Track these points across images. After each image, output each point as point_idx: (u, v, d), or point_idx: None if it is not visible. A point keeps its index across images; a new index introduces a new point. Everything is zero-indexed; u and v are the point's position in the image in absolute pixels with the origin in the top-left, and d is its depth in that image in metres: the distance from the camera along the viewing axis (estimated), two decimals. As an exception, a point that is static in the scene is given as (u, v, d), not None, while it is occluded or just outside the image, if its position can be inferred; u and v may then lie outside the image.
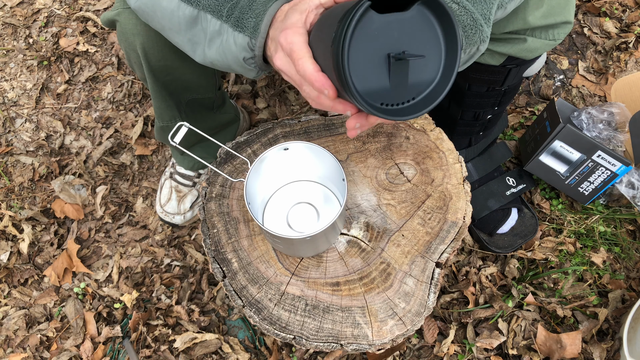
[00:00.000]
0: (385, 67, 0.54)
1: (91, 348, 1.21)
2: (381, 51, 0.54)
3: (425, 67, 0.55)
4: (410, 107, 0.55)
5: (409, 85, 0.55)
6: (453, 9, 0.63)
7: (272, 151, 0.77)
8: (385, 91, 0.54)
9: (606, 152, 1.16)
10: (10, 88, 1.56)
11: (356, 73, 0.52)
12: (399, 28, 0.53)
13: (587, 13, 1.59)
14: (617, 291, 1.21)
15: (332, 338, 0.78)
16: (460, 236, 0.85)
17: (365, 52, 0.53)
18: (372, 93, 0.53)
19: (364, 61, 0.53)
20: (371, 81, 0.53)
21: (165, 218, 1.30)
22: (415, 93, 0.55)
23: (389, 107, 0.55)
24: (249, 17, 0.62)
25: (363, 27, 0.52)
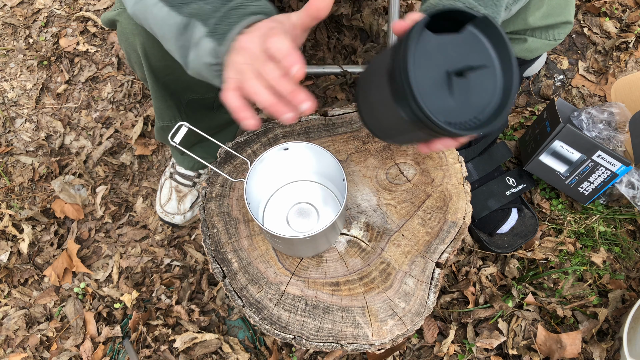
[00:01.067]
0: (447, 87, 0.54)
1: (91, 348, 1.21)
2: (441, 70, 0.54)
3: (484, 85, 0.56)
4: (476, 125, 0.55)
5: (472, 103, 0.55)
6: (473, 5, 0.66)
7: (272, 151, 0.77)
8: (451, 110, 0.54)
9: (606, 152, 1.16)
10: (10, 88, 1.56)
11: (422, 93, 0.52)
12: (453, 48, 0.54)
13: (587, 13, 1.60)
14: (617, 291, 1.21)
15: (332, 338, 0.78)
16: (460, 236, 0.85)
17: (427, 71, 0.53)
18: (437, 113, 0.52)
19: (427, 81, 0.53)
20: (437, 102, 0.53)
21: (165, 218, 1.30)
22: (477, 111, 0.55)
23: (458, 126, 0.54)
24: (222, 24, 0.62)
25: (422, 47, 0.52)
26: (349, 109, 0.94)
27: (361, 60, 1.53)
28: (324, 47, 1.56)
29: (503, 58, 0.56)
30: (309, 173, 0.86)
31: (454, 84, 0.54)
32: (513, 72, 0.55)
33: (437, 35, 0.54)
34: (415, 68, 0.52)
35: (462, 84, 0.54)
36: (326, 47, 1.56)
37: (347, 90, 1.49)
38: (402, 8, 1.62)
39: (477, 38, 0.56)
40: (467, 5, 0.66)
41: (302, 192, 0.87)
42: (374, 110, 0.64)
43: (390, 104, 0.56)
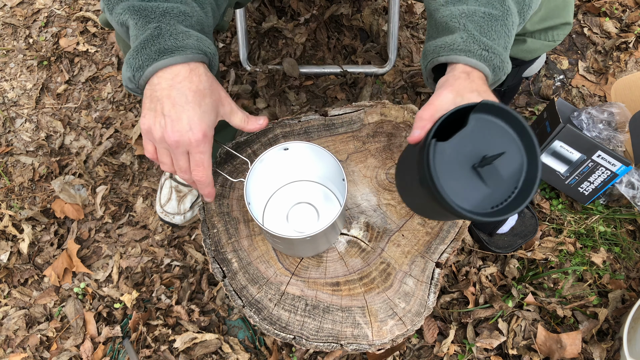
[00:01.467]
0: (477, 177, 0.59)
1: (91, 348, 1.21)
2: (466, 167, 0.59)
3: (510, 157, 0.60)
4: (518, 195, 0.59)
5: (506, 180, 0.60)
6: (483, 55, 0.65)
7: (272, 151, 0.77)
8: (490, 195, 0.59)
9: (606, 152, 1.16)
10: (10, 88, 1.56)
11: (460, 198, 0.58)
12: (469, 141, 0.59)
13: (587, 13, 1.60)
14: (617, 291, 1.21)
15: (332, 338, 0.78)
16: (460, 236, 0.85)
17: (456, 179, 0.58)
18: (479, 205, 0.59)
19: (457, 184, 0.58)
20: (474, 196, 0.59)
21: (165, 218, 1.30)
22: (515, 182, 0.60)
23: (501, 205, 0.59)
24: (137, 58, 0.63)
25: (439, 160, 0.58)
26: (349, 109, 0.94)
27: (361, 60, 1.53)
28: (324, 47, 1.56)
29: (513, 123, 0.60)
30: (309, 173, 0.86)
31: (483, 174, 0.59)
32: (528, 132, 0.59)
33: (448, 142, 0.59)
34: (443, 181, 0.57)
35: (490, 168, 0.59)
36: (326, 47, 1.56)
37: (347, 90, 1.49)
38: (402, 8, 1.62)
39: (485, 119, 0.60)
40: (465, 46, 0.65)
41: (302, 192, 0.87)
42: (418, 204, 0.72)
43: (432, 205, 0.63)
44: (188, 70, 0.62)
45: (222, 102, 0.66)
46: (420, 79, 1.49)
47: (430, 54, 0.68)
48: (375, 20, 1.56)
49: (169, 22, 0.63)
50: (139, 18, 0.64)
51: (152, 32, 0.62)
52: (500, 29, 0.66)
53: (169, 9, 0.64)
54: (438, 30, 0.70)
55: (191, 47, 0.63)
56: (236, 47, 1.53)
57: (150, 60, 0.62)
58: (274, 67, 1.50)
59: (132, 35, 0.65)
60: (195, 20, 0.67)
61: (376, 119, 0.93)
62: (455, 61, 0.65)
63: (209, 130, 0.64)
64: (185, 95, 0.62)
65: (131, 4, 0.64)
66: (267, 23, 1.55)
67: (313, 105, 1.48)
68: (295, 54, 1.53)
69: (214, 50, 0.67)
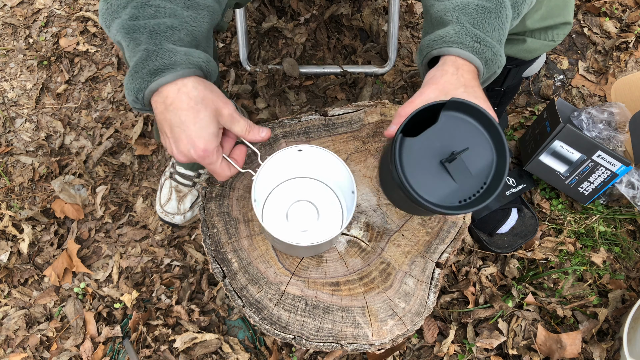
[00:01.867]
0: (445, 172, 0.61)
1: (91, 348, 1.21)
2: (434, 163, 0.61)
3: (480, 153, 0.62)
4: (486, 190, 0.61)
5: (475, 174, 0.61)
6: (475, 47, 0.65)
7: (286, 151, 0.76)
8: (458, 190, 0.61)
9: (606, 152, 1.16)
10: (10, 88, 1.56)
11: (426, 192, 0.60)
12: (438, 138, 0.61)
13: (587, 13, 1.60)
14: (617, 291, 1.21)
15: (332, 338, 0.78)
16: (460, 236, 0.85)
17: (424, 174, 0.61)
18: (446, 199, 0.61)
19: (427, 181, 0.61)
20: (441, 191, 0.61)
21: (165, 218, 1.30)
22: (484, 178, 0.62)
23: (469, 200, 0.61)
24: (134, 82, 0.64)
25: (407, 154, 0.61)
26: (349, 109, 0.94)
27: (361, 60, 1.53)
28: (324, 47, 1.56)
29: (482, 120, 0.62)
30: (311, 171, 0.85)
31: (450, 168, 0.61)
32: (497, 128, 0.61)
33: (417, 137, 0.61)
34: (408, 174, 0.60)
35: (457, 163, 0.61)
36: (326, 47, 1.56)
37: (347, 90, 1.49)
38: (402, 8, 1.62)
39: (455, 117, 0.62)
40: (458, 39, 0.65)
41: (303, 189, 0.86)
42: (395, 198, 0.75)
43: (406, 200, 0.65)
44: (176, 91, 0.63)
45: (220, 111, 0.65)
46: (420, 78, 1.49)
47: (425, 48, 0.68)
48: (375, 20, 1.56)
49: (155, 41, 0.64)
50: (130, 40, 0.65)
51: (141, 54, 0.63)
52: (493, 21, 0.66)
53: (156, 26, 0.65)
54: (433, 25, 0.70)
55: (180, 63, 0.63)
56: (236, 47, 1.53)
57: (145, 82, 0.63)
58: (274, 67, 1.50)
59: (127, 56, 0.67)
60: (184, 33, 0.67)
61: (376, 119, 0.93)
62: (447, 53, 0.65)
63: (210, 143, 0.64)
64: (179, 116, 0.63)
65: (123, 24, 0.65)
66: (267, 23, 1.55)
67: (313, 105, 1.48)
68: (295, 54, 1.53)
69: (206, 58, 0.67)
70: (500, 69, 0.69)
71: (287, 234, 0.81)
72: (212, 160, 0.66)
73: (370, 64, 1.52)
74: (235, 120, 0.67)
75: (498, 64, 0.68)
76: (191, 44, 0.68)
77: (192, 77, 0.64)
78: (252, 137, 0.70)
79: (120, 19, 0.66)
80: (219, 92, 0.66)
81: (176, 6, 0.68)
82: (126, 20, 0.65)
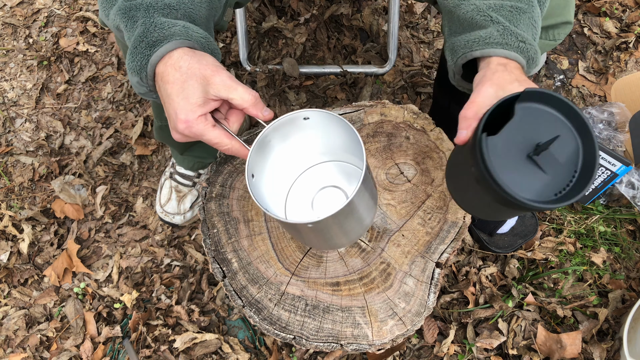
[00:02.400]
0: (535, 166, 0.58)
1: (91, 348, 1.21)
2: (521, 158, 0.58)
3: (564, 141, 0.58)
4: (579, 178, 0.58)
5: (564, 164, 0.58)
6: (520, 47, 0.64)
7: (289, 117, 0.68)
8: (551, 182, 0.58)
9: (606, 152, 1.16)
10: (10, 88, 1.56)
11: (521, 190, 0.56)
12: (519, 132, 0.58)
13: (587, 13, 1.60)
14: (617, 291, 1.21)
15: (332, 338, 0.78)
16: (460, 236, 0.84)
17: (513, 171, 0.57)
18: (542, 194, 0.58)
19: (518, 178, 0.57)
20: (535, 186, 0.58)
21: (165, 218, 1.30)
22: (574, 166, 0.59)
23: (564, 191, 0.58)
24: (135, 61, 0.63)
25: (494, 155, 0.57)
26: (349, 108, 0.94)
27: (361, 60, 1.53)
28: (324, 47, 1.56)
29: (561, 107, 0.59)
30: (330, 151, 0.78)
31: (540, 162, 0.58)
32: (579, 114, 0.58)
33: (498, 135, 0.58)
34: (501, 174, 0.56)
35: (546, 156, 0.58)
36: (326, 47, 1.56)
37: (347, 90, 1.49)
38: (402, 8, 1.62)
39: (531, 107, 0.59)
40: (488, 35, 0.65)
41: (327, 175, 0.80)
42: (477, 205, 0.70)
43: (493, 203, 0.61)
44: (163, 65, 0.62)
45: (209, 80, 0.62)
46: (420, 78, 1.49)
47: (461, 48, 0.67)
48: (375, 20, 1.56)
49: (153, 15, 0.63)
50: (127, 20, 0.64)
51: (140, 29, 0.62)
52: (528, 21, 0.66)
53: (153, 2, 0.64)
54: (463, 26, 0.69)
55: (178, 34, 0.62)
56: (236, 47, 1.53)
57: (145, 58, 0.62)
58: (274, 67, 1.50)
59: (126, 39, 0.65)
60: (181, 13, 0.65)
61: (376, 119, 0.93)
62: (492, 54, 0.64)
63: (190, 113, 0.61)
64: (166, 90, 0.62)
65: (119, 6, 0.65)
66: (267, 23, 1.55)
67: (313, 105, 1.48)
68: (295, 54, 1.53)
69: (206, 36, 0.65)
70: (537, 68, 0.69)
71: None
72: (201, 130, 0.62)
73: (370, 64, 1.52)
74: (231, 88, 0.63)
75: (536, 62, 0.68)
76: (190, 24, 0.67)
77: (179, 49, 0.62)
78: (253, 112, 0.66)
79: (117, 4, 0.65)
80: (209, 61, 0.63)
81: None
82: (122, 2, 0.64)
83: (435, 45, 1.56)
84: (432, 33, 1.59)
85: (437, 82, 1.12)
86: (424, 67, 1.52)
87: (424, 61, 1.53)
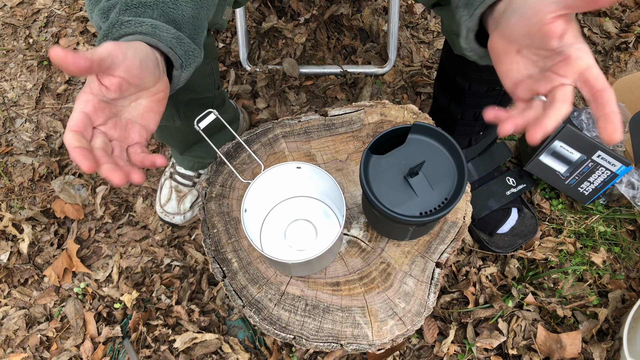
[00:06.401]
0: (408, 187, 0.68)
1: (91, 348, 1.21)
2: (399, 178, 0.69)
3: (443, 171, 0.69)
4: (446, 205, 0.67)
5: (437, 190, 0.68)
6: None
7: (285, 166, 0.76)
8: (421, 203, 0.68)
9: (606, 152, 1.16)
10: (10, 88, 1.56)
11: (390, 203, 0.67)
12: (403, 157, 0.69)
13: (587, 13, 1.60)
14: (617, 291, 1.21)
15: (332, 338, 0.78)
16: (460, 236, 0.85)
17: (389, 187, 0.68)
18: (408, 210, 0.67)
19: (391, 194, 0.68)
20: (405, 203, 0.68)
21: (165, 218, 1.30)
22: (445, 194, 0.68)
23: (430, 212, 0.67)
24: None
25: (374, 170, 0.68)
26: (349, 109, 0.94)
27: (361, 60, 1.53)
28: (324, 47, 1.56)
29: (445, 143, 0.69)
30: (308, 189, 0.84)
31: (413, 182, 0.68)
32: (457, 151, 0.68)
33: (385, 155, 0.69)
34: (373, 185, 0.68)
35: (419, 179, 0.68)
36: (326, 47, 1.56)
37: (347, 90, 1.49)
38: (402, 8, 1.62)
39: (420, 140, 0.69)
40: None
41: (301, 209, 0.85)
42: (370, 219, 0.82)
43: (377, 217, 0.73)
44: None
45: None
46: (420, 78, 1.49)
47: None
48: (375, 20, 1.56)
49: (124, 14, 0.59)
50: (105, 20, 0.61)
51: (106, 27, 0.58)
52: None
53: (128, 1, 0.60)
54: None
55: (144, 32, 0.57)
56: (236, 47, 1.53)
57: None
58: (274, 67, 1.50)
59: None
60: (158, 12, 0.61)
61: (376, 119, 0.93)
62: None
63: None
64: None
65: (100, 7, 0.62)
66: (267, 23, 1.55)
67: (313, 105, 1.48)
68: (295, 54, 1.53)
69: (176, 35, 0.60)
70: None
71: (283, 253, 0.81)
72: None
73: (370, 64, 1.52)
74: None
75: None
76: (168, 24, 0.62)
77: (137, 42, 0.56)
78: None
79: (99, 5, 0.63)
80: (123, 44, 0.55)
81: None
82: (103, 2, 0.62)
83: (435, 45, 1.56)
84: (432, 33, 1.59)
85: (437, 82, 1.12)
86: (424, 67, 1.52)
87: (424, 61, 1.53)
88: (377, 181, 0.68)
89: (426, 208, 0.67)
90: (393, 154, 0.69)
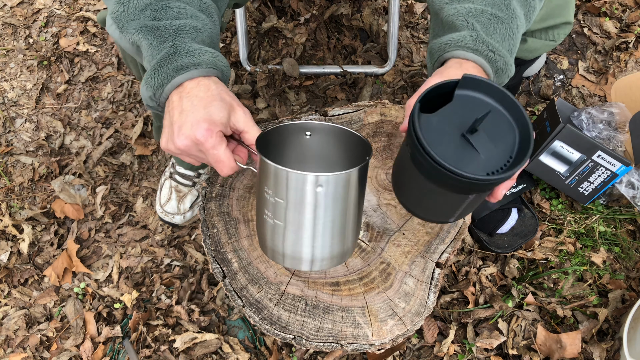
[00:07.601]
0: (469, 145, 0.58)
1: (91, 348, 1.21)
2: (456, 136, 0.59)
3: (500, 127, 0.60)
4: (512, 164, 0.58)
5: (499, 147, 0.59)
6: (489, 56, 0.65)
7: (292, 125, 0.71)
8: (485, 162, 0.58)
9: (606, 152, 1.16)
10: (10, 88, 1.56)
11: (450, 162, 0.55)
12: (455, 114, 0.59)
13: (587, 13, 1.60)
14: (617, 291, 1.21)
15: (332, 338, 0.78)
16: (460, 236, 0.85)
17: (447, 148, 0.58)
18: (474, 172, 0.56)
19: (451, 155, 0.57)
20: (467, 164, 0.58)
21: (165, 218, 1.30)
22: (509, 152, 0.59)
23: (497, 173, 0.58)
24: (154, 78, 0.64)
25: (427, 130, 0.57)
26: (349, 109, 0.94)
27: (361, 60, 1.53)
28: (324, 47, 1.56)
29: (497, 97, 0.60)
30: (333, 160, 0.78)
31: (474, 140, 0.58)
32: (517, 106, 0.59)
33: (434, 114, 0.59)
34: (433, 147, 0.56)
35: (480, 137, 0.59)
36: (326, 47, 1.56)
37: (347, 90, 1.49)
38: (402, 8, 1.62)
39: (469, 96, 0.60)
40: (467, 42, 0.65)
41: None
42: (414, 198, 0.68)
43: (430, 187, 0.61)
44: (196, 83, 0.63)
45: (234, 109, 0.65)
46: (420, 78, 1.49)
47: (436, 51, 0.68)
48: (375, 20, 1.56)
49: (183, 39, 0.65)
50: (154, 38, 0.65)
51: (168, 50, 0.64)
52: (505, 32, 0.67)
53: (181, 26, 0.65)
54: (444, 29, 0.70)
55: (206, 62, 0.64)
56: (236, 47, 1.53)
57: (169, 78, 0.63)
58: (274, 67, 1.50)
59: (146, 55, 0.66)
60: (206, 34, 0.68)
61: (376, 119, 0.93)
62: (461, 57, 0.65)
63: (214, 125, 0.62)
64: (192, 101, 0.62)
65: (143, 24, 0.65)
66: (267, 23, 1.55)
67: (313, 105, 1.48)
68: (295, 54, 1.53)
69: (227, 64, 0.68)
70: (508, 79, 0.69)
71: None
72: (214, 143, 0.62)
73: (370, 64, 1.52)
74: (249, 123, 0.66)
75: (508, 74, 0.68)
76: (211, 46, 0.69)
77: (213, 77, 0.65)
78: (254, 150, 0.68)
79: (138, 21, 0.66)
80: (233, 95, 0.67)
81: (194, 9, 0.68)
82: (148, 20, 0.66)
83: (435, 45, 1.56)
84: (432, 33, 1.59)
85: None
86: (424, 67, 1.52)
87: (424, 61, 1.53)
88: (431, 141, 0.57)
89: (492, 168, 0.58)
90: (443, 112, 0.59)
